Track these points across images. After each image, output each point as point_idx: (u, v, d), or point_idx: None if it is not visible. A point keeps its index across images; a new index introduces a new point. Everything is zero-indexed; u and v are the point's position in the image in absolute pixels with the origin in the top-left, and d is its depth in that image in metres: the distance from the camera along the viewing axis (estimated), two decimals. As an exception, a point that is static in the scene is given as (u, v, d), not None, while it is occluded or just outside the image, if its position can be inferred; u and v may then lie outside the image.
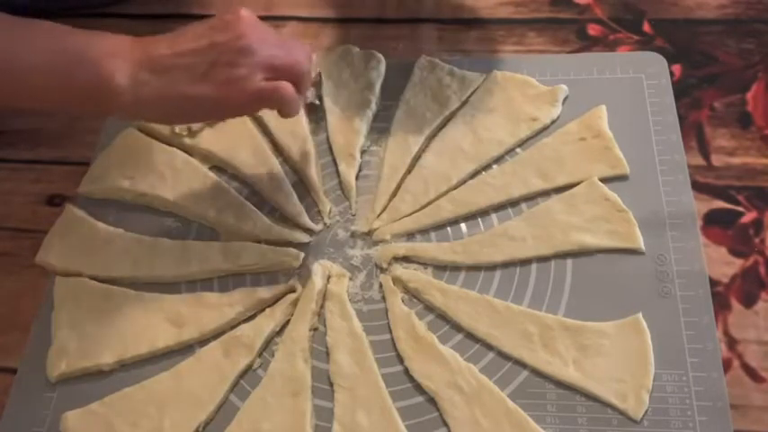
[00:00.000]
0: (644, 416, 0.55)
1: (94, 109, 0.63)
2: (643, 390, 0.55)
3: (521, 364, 0.58)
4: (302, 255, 0.65)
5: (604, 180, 0.66)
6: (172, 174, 0.70)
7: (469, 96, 0.73)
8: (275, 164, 0.71)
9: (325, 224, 0.68)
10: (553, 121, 0.71)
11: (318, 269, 0.64)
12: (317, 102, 0.74)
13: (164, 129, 0.73)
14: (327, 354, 0.60)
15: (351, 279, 0.64)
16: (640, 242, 0.62)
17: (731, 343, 0.58)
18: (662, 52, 0.74)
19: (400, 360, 0.59)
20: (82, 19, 0.73)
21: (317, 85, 0.74)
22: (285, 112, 0.60)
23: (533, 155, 0.69)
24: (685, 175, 0.66)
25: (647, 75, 0.72)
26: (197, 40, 0.58)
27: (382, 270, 0.65)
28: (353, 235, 0.67)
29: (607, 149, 0.68)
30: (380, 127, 0.73)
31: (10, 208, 0.73)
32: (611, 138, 0.68)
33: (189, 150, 0.73)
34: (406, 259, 0.65)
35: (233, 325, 0.62)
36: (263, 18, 0.60)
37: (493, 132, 0.70)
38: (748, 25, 0.76)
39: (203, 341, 0.62)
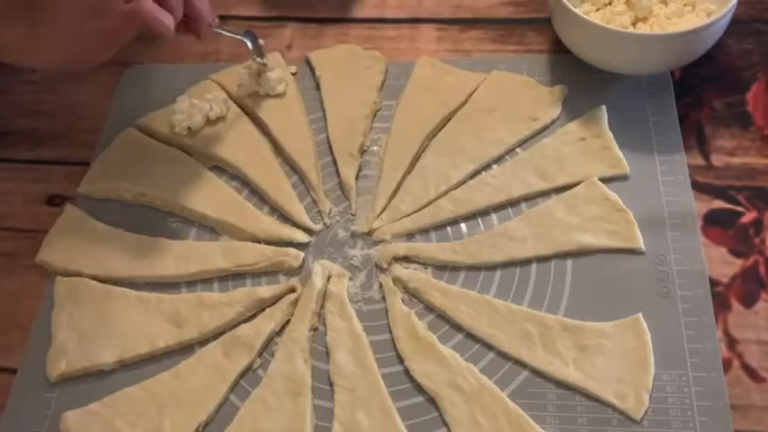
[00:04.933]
0: (644, 416, 0.55)
1: None
2: (643, 390, 0.55)
3: (521, 364, 0.58)
4: (302, 255, 0.65)
5: (604, 180, 0.66)
6: (172, 174, 0.70)
7: (469, 96, 0.73)
8: (275, 164, 0.71)
9: (325, 224, 0.68)
10: (553, 121, 0.71)
11: (318, 269, 0.64)
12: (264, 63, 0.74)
13: (164, 129, 0.74)
14: (327, 354, 0.60)
15: (351, 279, 0.64)
16: (640, 242, 0.62)
17: (731, 343, 0.58)
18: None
19: (400, 360, 0.59)
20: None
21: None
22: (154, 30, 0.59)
23: (533, 155, 0.69)
24: (685, 175, 0.66)
25: (648, 75, 0.72)
26: None
27: (382, 270, 0.65)
28: (353, 235, 0.67)
29: (607, 149, 0.68)
30: (380, 127, 0.73)
31: (10, 208, 0.73)
32: (611, 138, 0.68)
33: (189, 150, 0.73)
34: (406, 259, 0.65)
35: (233, 325, 0.62)
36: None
37: (493, 132, 0.70)
38: (748, 25, 0.76)
39: (203, 341, 0.62)
